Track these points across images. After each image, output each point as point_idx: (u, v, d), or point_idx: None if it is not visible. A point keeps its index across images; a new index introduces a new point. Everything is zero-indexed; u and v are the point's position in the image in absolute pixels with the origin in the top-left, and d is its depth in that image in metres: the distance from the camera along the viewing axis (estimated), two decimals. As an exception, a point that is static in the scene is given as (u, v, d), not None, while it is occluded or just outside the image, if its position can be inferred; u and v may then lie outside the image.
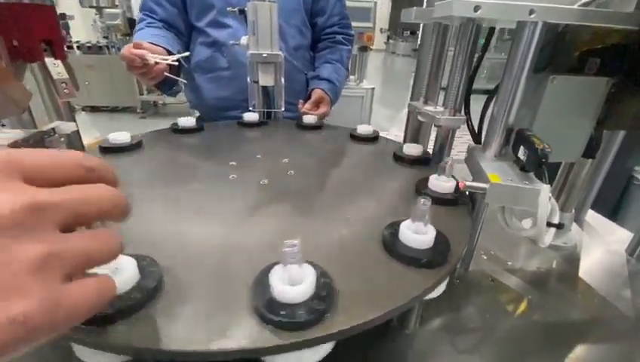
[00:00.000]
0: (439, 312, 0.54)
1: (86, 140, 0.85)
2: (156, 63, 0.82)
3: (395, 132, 1.23)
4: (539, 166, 0.44)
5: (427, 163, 0.68)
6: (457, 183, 0.50)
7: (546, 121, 0.58)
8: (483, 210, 0.59)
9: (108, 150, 0.70)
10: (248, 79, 0.87)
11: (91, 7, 4.79)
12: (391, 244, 0.40)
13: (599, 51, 0.62)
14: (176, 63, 0.84)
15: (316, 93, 1.15)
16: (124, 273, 0.31)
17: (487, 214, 0.56)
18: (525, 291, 0.62)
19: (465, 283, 0.62)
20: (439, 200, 0.51)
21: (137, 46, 0.81)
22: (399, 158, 0.69)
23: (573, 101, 0.57)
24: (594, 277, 0.66)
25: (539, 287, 0.64)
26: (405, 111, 0.86)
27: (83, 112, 4.82)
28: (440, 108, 0.60)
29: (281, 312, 0.29)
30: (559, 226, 0.48)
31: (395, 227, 0.41)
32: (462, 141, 0.86)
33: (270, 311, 0.29)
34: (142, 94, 4.65)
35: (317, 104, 1.14)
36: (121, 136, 0.71)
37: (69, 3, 6.09)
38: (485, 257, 0.71)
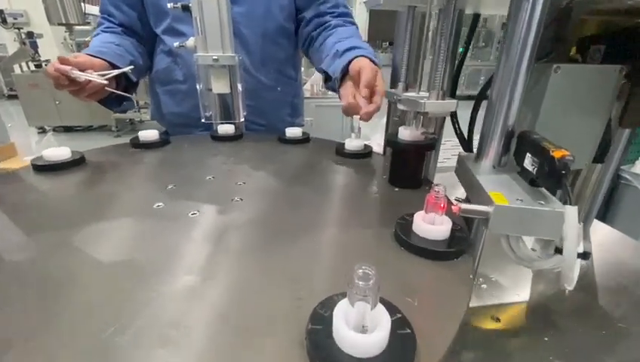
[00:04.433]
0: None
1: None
2: (90, 81, 0.69)
3: (377, 140, 1.14)
4: (558, 179, 0.33)
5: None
6: (452, 225, 0.37)
7: (549, 121, 0.47)
8: (482, 236, 0.47)
9: (43, 168, 0.59)
10: (198, 86, 0.74)
11: (60, 24, 4.64)
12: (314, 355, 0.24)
13: (603, 37, 0.53)
14: (106, 82, 0.71)
15: (362, 66, 0.67)
16: None
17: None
18: (539, 331, 0.50)
19: (463, 325, 0.50)
20: (427, 252, 0.36)
21: (63, 61, 0.68)
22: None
23: (582, 95, 0.47)
24: (617, 306, 0.55)
25: (554, 324, 0.52)
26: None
27: (50, 133, 4.59)
28: (424, 94, 0.49)
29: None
30: (585, 256, 0.36)
31: (322, 320, 0.25)
32: (444, 147, 0.75)
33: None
34: (116, 112, 4.46)
35: (371, 85, 0.64)
36: (58, 153, 0.61)
37: (39, 21, 5.91)
38: (485, 286, 0.59)
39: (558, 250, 0.38)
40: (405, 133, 0.50)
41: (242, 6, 0.90)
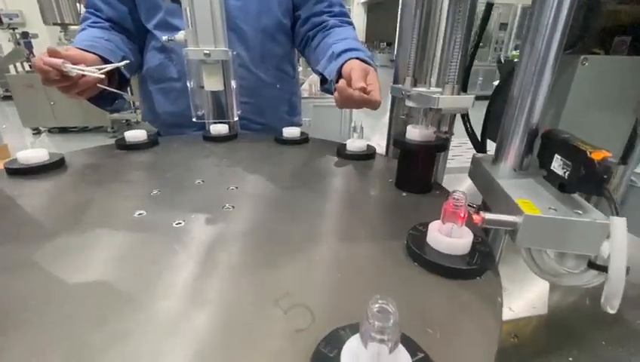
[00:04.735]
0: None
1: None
2: (83, 75, 0.64)
3: (377, 140, 1.09)
4: (598, 185, 0.28)
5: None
6: (474, 236, 0.32)
7: (574, 118, 0.43)
8: (500, 247, 0.42)
9: (17, 172, 0.54)
10: (188, 83, 0.69)
11: (55, 24, 4.58)
12: None
13: (630, 28, 0.49)
14: (103, 76, 0.66)
15: (353, 67, 0.68)
16: None
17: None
18: (562, 349, 0.46)
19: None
20: (446, 269, 0.31)
21: (53, 54, 0.63)
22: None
23: (611, 89, 0.42)
24: (641, 318, 0.51)
25: (578, 341, 0.47)
26: (387, 117, 0.71)
27: (44, 134, 4.53)
28: (436, 89, 0.44)
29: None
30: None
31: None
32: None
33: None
34: (112, 113, 4.40)
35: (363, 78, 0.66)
36: (34, 155, 0.56)
37: (34, 22, 5.86)
38: (499, 299, 0.54)
39: (593, 265, 0.34)
40: (414, 133, 0.45)
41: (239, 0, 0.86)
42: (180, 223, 0.40)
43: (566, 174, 0.33)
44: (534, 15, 0.35)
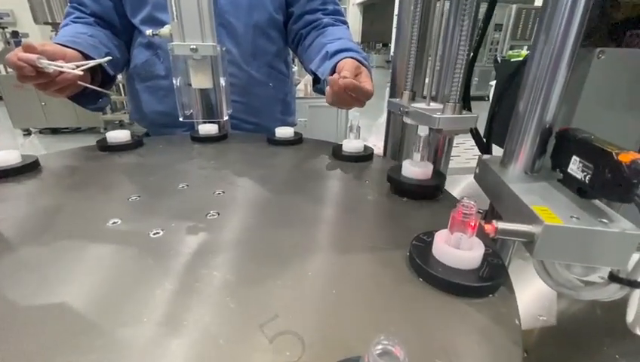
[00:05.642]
0: None
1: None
2: (61, 72, 0.60)
3: (373, 141, 1.07)
4: (627, 191, 0.25)
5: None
6: (484, 249, 0.28)
7: (588, 116, 0.40)
8: (509, 255, 0.39)
9: None
10: (174, 81, 0.65)
11: (46, 23, 4.52)
12: None
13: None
14: (81, 73, 0.62)
15: (348, 64, 0.68)
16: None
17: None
18: (575, 365, 0.43)
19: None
20: (455, 286, 0.27)
21: (28, 49, 0.59)
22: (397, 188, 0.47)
23: (629, 84, 0.39)
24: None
25: (591, 355, 0.44)
26: (383, 118, 0.67)
27: (34, 135, 4.46)
28: (436, 105, 0.41)
29: None
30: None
31: None
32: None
33: None
34: (105, 113, 4.33)
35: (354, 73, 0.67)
36: (4, 157, 0.52)
37: (25, 21, 5.78)
38: (517, 321, 0.51)
39: (615, 278, 0.31)
40: (412, 171, 0.41)
41: None
42: (157, 233, 0.36)
43: (586, 178, 0.29)
44: (550, 2, 0.32)
